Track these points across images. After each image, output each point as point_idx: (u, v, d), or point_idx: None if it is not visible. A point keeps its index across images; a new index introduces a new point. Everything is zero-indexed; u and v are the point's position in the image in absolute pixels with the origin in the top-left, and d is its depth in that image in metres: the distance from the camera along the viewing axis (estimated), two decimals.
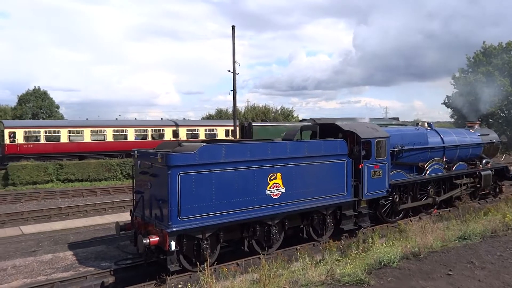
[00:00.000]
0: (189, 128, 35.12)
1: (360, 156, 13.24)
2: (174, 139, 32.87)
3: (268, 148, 11.18)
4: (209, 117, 54.96)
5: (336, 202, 12.81)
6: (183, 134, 34.37)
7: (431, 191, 16.41)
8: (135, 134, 33.66)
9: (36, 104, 52.12)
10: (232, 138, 33.65)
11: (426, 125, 17.80)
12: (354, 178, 13.11)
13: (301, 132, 14.67)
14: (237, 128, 34.44)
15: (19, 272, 11.11)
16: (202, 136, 34.53)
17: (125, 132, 33.53)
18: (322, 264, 8.35)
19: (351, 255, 9.80)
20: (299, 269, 7.38)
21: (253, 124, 35.06)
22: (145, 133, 34.23)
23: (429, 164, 16.06)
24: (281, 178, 11.41)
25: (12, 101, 58.79)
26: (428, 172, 15.89)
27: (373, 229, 13.71)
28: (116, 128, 33.42)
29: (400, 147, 15.02)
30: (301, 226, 12.69)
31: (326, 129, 14.15)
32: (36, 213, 18.35)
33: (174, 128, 34.37)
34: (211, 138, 34.41)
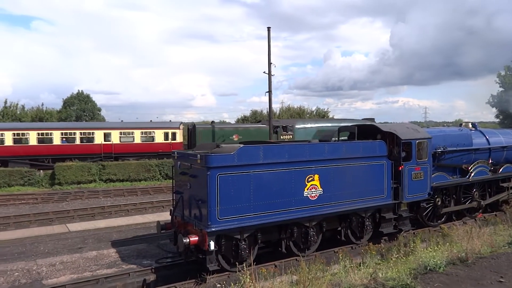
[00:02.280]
0: (122, 130, 32.82)
1: (400, 158, 12.93)
2: (106, 142, 31.69)
3: (306, 150, 11.13)
4: (244, 118, 55.16)
5: (375, 204, 12.56)
6: (115, 137, 32.25)
7: (476, 195, 15.75)
8: (61, 137, 31.28)
9: (79, 107, 54.37)
10: (172, 141, 33.01)
11: (470, 125, 17.11)
12: (394, 180, 12.81)
13: (338, 133, 14.50)
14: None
15: (66, 267, 11.64)
16: (137, 140, 32.65)
17: (51, 135, 31.10)
18: (362, 267, 8.20)
19: (391, 259, 9.58)
20: (340, 272, 7.28)
21: (196, 127, 34.08)
22: (73, 136, 31.62)
23: (473, 166, 15.42)
24: (318, 179, 11.33)
25: (58, 105, 61.62)
26: (472, 174, 15.25)
27: (414, 233, 13.33)
28: (40, 131, 31.15)
29: (442, 149, 14.53)
30: (339, 229, 12.55)
31: (364, 130, 13.91)
32: (81, 212, 19.15)
33: (106, 131, 32.32)
34: (148, 142, 32.97)
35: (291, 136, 35.51)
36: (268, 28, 29.66)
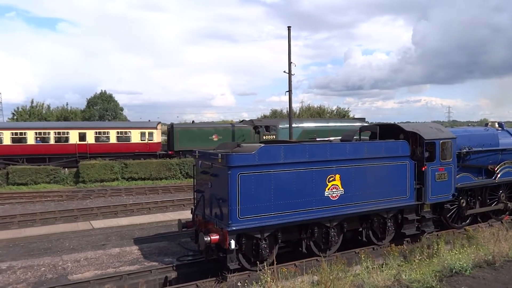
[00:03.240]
0: (98, 130, 32.48)
1: (423, 158, 12.69)
2: (81, 142, 31.40)
3: (327, 149, 11.06)
4: (264, 117, 55.25)
5: (397, 205, 12.38)
6: (91, 137, 31.85)
7: (503, 196, 15.31)
8: (35, 137, 30.87)
9: (102, 107, 55.53)
10: (149, 141, 32.32)
11: (496, 125, 16.63)
12: (417, 181, 12.59)
13: (360, 133, 14.35)
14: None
15: (90, 264, 11.91)
16: (113, 140, 32.36)
17: (25, 134, 30.67)
18: (385, 268, 8.09)
19: (414, 260, 9.42)
20: (362, 273, 7.21)
21: (174, 127, 34.19)
22: (47, 136, 31.21)
23: (500, 167, 14.99)
24: (340, 179, 11.24)
25: (82, 104, 63.07)
26: (499, 175, 14.84)
27: (437, 235, 13.07)
28: (14, 131, 30.74)
29: (467, 149, 14.19)
30: (360, 229, 12.43)
31: (386, 130, 13.72)
32: (104, 209, 19.55)
33: (81, 131, 31.99)
34: (124, 142, 32.47)
35: (274, 137, 34.77)
36: (289, 27, 29.60)
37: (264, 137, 34.43)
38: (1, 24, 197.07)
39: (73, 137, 31.50)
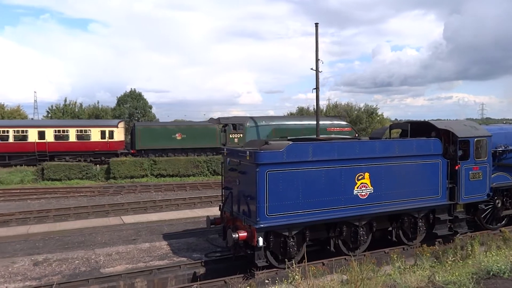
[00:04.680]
0: (57, 129, 31.96)
1: (456, 157, 12.33)
2: (40, 141, 30.95)
3: (356, 147, 10.91)
4: (291, 115, 54.97)
5: (428, 205, 12.09)
6: (50, 135, 31.33)
7: None
8: None
9: (132, 105, 56.65)
10: (109, 140, 31.62)
11: None
12: (450, 180, 12.25)
13: (390, 131, 14.07)
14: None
15: (122, 258, 12.21)
16: (73, 138, 31.74)
17: None
18: (417, 269, 7.91)
19: (447, 262, 9.17)
20: (395, 273, 7.07)
21: (136, 125, 33.47)
22: (6, 134, 30.67)
23: None
24: (369, 178, 11.07)
25: (112, 102, 64.67)
26: None
27: (471, 236, 12.66)
28: None
29: (503, 147, 13.66)
30: (390, 229, 12.20)
31: (417, 128, 13.39)
32: (134, 205, 20.00)
33: (40, 129, 31.49)
34: (84, 140, 31.86)
35: (241, 135, 33.92)
36: (316, 24, 29.32)
37: (230, 136, 33.74)
38: (36, 25, 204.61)
39: (32, 135, 31.13)
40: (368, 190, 11.06)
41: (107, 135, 32.25)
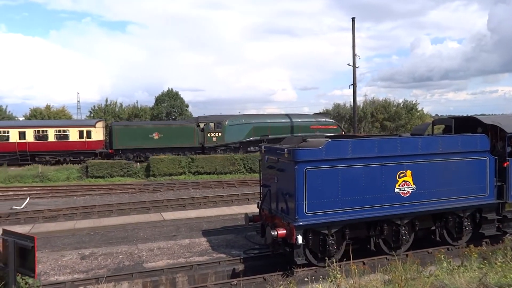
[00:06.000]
0: (36, 129, 32.50)
1: (505, 153, 11.74)
2: (21, 141, 31.52)
3: (397, 144, 10.63)
4: (326, 112, 54.21)
5: (475, 203, 11.61)
6: (30, 135, 31.98)
7: None
8: None
9: (169, 104, 57.88)
10: (87, 140, 31.96)
11: None
12: (498, 178, 11.68)
13: (432, 127, 13.60)
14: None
15: (163, 253, 12.53)
16: (52, 138, 32.28)
17: None
18: (465, 270, 7.60)
19: (496, 263, 8.74)
20: (442, 274, 6.84)
21: (113, 125, 33.18)
22: None
23: None
24: (411, 175, 10.77)
25: (150, 102, 66.41)
26: None
27: None
28: None
29: None
30: (433, 228, 11.82)
31: (462, 123, 12.87)
32: (174, 202, 20.46)
33: (20, 130, 32.11)
34: (63, 140, 32.33)
35: (219, 134, 33.47)
36: (353, 19, 28.82)
37: (208, 135, 33.39)
38: (79, 29, 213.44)
39: (13, 136, 31.84)
40: (410, 188, 10.76)
41: (85, 135, 32.74)
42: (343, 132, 35.73)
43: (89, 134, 32.89)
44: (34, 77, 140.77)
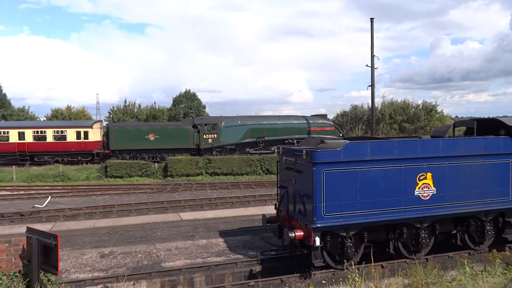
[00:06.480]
0: (35, 129, 33.14)
1: None
2: (20, 141, 32.03)
3: (417, 146, 10.47)
4: (344, 114, 53.77)
5: (497, 207, 11.34)
6: (29, 136, 32.61)
7: None
8: None
9: (187, 105, 58.39)
10: (84, 140, 31.96)
11: None
12: None
13: (454, 129, 13.35)
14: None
15: (181, 253, 12.63)
16: (50, 139, 32.90)
17: None
18: (486, 275, 7.43)
19: None
20: (466, 279, 6.70)
21: (109, 126, 33.18)
22: None
23: None
24: (431, 178, 10.59)
25: (168, 103, 67.09)
26: None
27: None
28: None
29: None
30: (454, 232, 11.59)
31: (484, 125, 12.60)
32: (191, 202, 20.60)
33: (20, 130, 32.75)
34: (61, 141, 32.94)
35: (215, 136, 33.35)
36: (371, 19, 28.58)
37: (204, 137, 33.30)
38: (98, 31, 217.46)
39: (13, 136, 32.48)
40: (430, 191, 10.59)
41: (82, 135, 33.27)
42: (340, 134, 35.50)
43: (86, 135, 33.49)
44: (55, 79, 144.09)
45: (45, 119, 50.40)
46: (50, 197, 22.63)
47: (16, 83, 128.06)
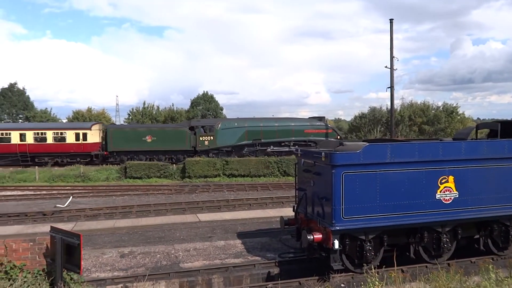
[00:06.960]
0: (36, 131, 33.53)
1: None
2: (21, 142, 32.29)
3: (439, 149, 10.29)
4: (362, 116, 53.24)
5: None
6: (30, 137, 32.99)
7: None
8: None
9: (204, 107, 58.80)
10: (83, 142, 32.22)
11: None
12: None
13: (476, 131, 13.07)
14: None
15: (199, 254, 12.71)
16: (50, 140, 33.19)
17: None
18: (511, 281, 7.23)
19: None
20: (491, 285, 6.54)
21: (108, 128, 33.03)
22: None
23: None
24: (453, 181, 10.39)
25: (186, 104, 67.66)
26: None
27: None
28: None
29: None
30: (477, 237, 11.33)
31: (509, 128, 12.28)
32: (209, 203, 20.72)
33: (21, 132, 33.17)
34: (60, 142, 33.27)
35: (211, 138, 33.11)
36: (391, 20, 28.29)
37: (200, 139, 33.13)
38: (118, 34, 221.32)
39: (15, 137, 32.98)
40: (452, 195, 10.38)
41: (81, 137, 33.61)
42: (338, 137, 35.15)
43: (85, 136, 33.86)
44: (77, 81, 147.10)
45: (66, 120, 51.56)
46: (71, 197, 23.10)
47: (39, 85, 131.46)
